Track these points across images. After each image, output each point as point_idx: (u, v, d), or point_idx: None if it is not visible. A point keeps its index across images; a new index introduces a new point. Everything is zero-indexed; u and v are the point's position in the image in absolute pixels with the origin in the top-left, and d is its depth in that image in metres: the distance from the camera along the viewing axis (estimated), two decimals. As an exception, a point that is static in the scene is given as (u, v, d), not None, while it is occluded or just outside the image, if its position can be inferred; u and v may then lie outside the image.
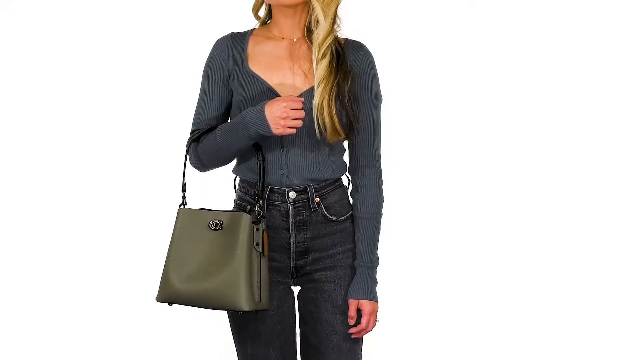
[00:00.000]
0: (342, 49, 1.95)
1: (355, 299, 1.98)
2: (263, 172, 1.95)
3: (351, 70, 1.93)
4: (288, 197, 1.96)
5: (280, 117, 1.83)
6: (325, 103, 1.88)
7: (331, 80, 1.89)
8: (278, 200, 1.97)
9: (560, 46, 3.65)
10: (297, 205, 1.97)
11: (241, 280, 1.83)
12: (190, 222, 1.92)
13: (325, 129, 1.90)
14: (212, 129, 1.98)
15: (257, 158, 1.95)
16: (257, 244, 1.87)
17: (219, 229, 1.88)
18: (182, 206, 1.96)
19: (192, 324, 3.48)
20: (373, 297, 1.99)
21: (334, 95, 1.89)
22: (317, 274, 2.01)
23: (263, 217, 1.90)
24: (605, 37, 3.63)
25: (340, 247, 2.02)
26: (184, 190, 1.99)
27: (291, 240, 1.98)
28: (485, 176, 3.65)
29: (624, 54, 3.65)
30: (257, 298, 1.85)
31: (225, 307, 1.86)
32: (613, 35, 3.63)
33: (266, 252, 1.88)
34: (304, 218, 1.97)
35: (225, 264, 1.85)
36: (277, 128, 1.84)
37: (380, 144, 2.02)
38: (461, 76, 3.64)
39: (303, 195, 1.97)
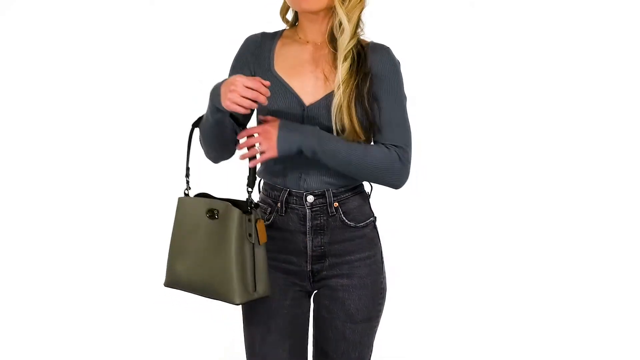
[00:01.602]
0: (364, 51, 1.94)
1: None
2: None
3: (370, 72, 1.91)
4: (306, 201, 1.96)
5: (228, 89, 1.78)
6: (345, 105, 1.87)
7: (351, 83, 1.88)
8: (296, 204, 1.97)
9: (559, 45, 3.66)
10: (314, 209, 1.97)
11: (232, 275, 1.84)
12: (190, 210, 1.93)
13: (344, 131, 1.89)
14: None
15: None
16: (250, 235, 1.86)
17: (215, 218, 1.88)
18: (186, 191, 1.98)
19: (195, 323, 3.49)
20: (280, 134, 1.86)
21: (353, 97, 1.88)
22: (333, 280, 2.01)
23: (256, 206, 1.88)
24: (604, 37, 3.65)
25: (359, 254, 2.01)
26: (187, 175, 1.99)
27: (308, 244, 1.98)
28: (484, 176, 3.67)
29: (624, 52, 3.66)
30: (251, 289, 1.85)
31: (219, 299, 1.87)
32: (612, 35, 3.65)
33: (262, 241, 1.87)
34: (321, 222, 1.97)
35: (218, 256, 1.86)
36: (224, 100, 1.79)
37: (409, 138, 1.93)
38: (461, 76, 3.65)
39: (321, 200, 1.96)
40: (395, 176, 1.92)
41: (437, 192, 3.67)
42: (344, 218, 1.98)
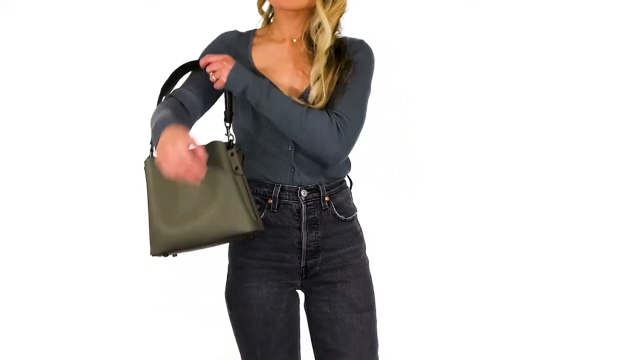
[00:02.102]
0: (343, 44, 1.97)
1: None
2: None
3: (352, 60, 1.94)
4: (300, 195, 1.97)
5: (166, 145, 1.66)
6: (325, 96, 1.90)
7: (329, 75, 1.91)
8: (289, 199, 1.97)
9: (558, 43, 3.65)
10: (309, 203, 1.98)
11: (236, 204, 1.81)
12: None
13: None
14: (172, 100, 1.91)
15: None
16: (237, 168, 1.84)
17: None
18: (147, 159, 1.90)
19: (195, 323, 3.49)
20: (235, 66, 1.88)
21: (333, 86, 1.91)
22: (327, 274, 2.01)
23: (232, 142, 1.88)
24: (603, 34, 3.64)
25: (349, 247, 2.02)
26: (152, 145, 1.90)
27: (303, 239, 1.98)
28: (481, 175, 3.66)
29: (622, 50, 3.65)
30: (254, 218, 1.83)
31: (227, 234, 1.81)
32: (611, 33, 3.64)
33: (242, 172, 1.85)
34: (315, 217, 1.98)
35: (214, 195, 1.82)
36: (158, 151, 1.69)
37: (356, 115, 1.91)
38: (459, 73, 3.64)
39: (314, 194, 1.98)
40: (329, 143, 1.88)
41: (431, 190, 3.66)
42: (336, 212, 2.00)
